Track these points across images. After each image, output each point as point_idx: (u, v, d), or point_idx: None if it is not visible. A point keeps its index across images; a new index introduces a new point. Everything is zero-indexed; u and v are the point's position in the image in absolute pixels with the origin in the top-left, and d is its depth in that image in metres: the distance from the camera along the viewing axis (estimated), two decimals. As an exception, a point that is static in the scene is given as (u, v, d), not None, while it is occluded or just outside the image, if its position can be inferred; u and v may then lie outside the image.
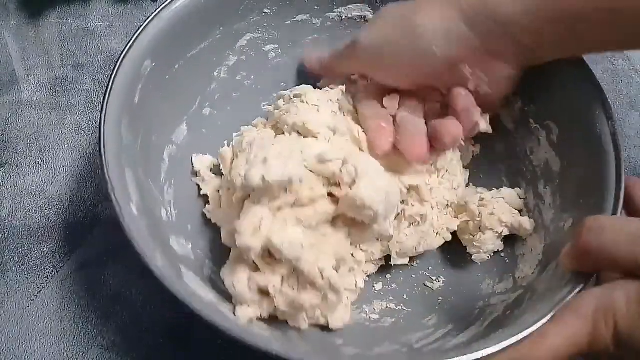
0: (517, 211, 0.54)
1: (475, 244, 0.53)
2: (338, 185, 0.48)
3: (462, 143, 0.52)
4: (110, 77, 0.47)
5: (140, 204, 0.46)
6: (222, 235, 0.49)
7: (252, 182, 0.45)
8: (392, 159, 0.51)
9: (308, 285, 0.48)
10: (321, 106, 0.53)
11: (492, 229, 0.52)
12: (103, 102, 0.46)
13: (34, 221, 0.59)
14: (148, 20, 0.49)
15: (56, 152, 0.62)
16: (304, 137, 0.51)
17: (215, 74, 0.57)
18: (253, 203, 0.48)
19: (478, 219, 0.53)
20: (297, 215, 0.47)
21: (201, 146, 0.57)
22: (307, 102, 0.53)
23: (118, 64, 0.47)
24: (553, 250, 0.49)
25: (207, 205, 0.55)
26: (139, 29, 0.49)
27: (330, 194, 0.49)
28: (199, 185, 0.56)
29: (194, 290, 0.45)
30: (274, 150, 0.47)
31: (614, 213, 0.44)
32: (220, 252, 0.48)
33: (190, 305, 0.40)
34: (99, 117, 0.46)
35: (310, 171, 0.48)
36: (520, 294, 0.48)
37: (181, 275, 0.46)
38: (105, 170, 0.44)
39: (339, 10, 0.57)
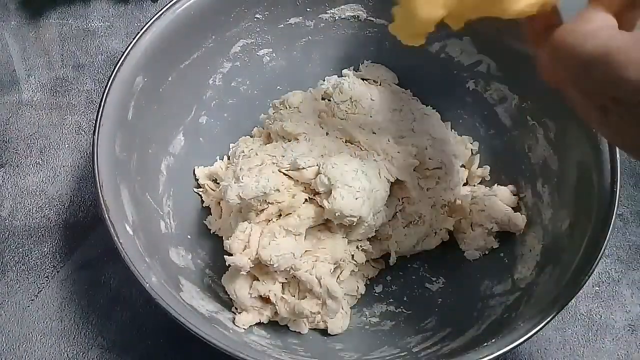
0: (510, 208, 0.54)
1: (466, 240, 0.54)
2: (318, 192, 0.48)
3: None
4: (101, 98, 0.47)
5: (136, 221, 0.46)
6: (224, 244, 0.49)
7: (230, 201, 0.48)
8: (377, 148, 0.52)
9: (307, 293, 0.49)
10: (303, 108, 0.53)
11: (482, 225, 0.53)
12: (95, 123, 0.46)
13: (34, 221, 0.59)
14: (137, 37, 0.49)
15: (56, 152, 0.62)
16: (288, 140, 0.52)
17: (210, 82, 0.57)
18: (242, 219, 0.49)
19: (469, 216, 0.54)
20: (285, 226, 0.48)
21: (199, 155, 0.57)
22: (289, 106, 0.54)
23: (109, 83, 0.48)
24: (551, 252, 0.49)
25: (208, 217, 0.56)
26: (128, 46, 0.49)
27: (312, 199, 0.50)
28: (201, 197, 0.57)
29: (192, 304, 0.46)
30: (251, 163, 0.49)
31: (609, 214, 0.44)
32: (221, 260, 0.49)
33: (186, 325, 0.41)
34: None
35: (290, 177, 0.49)
36: (518, 296, 0.48)
37: (180, 288, 0.47)
38: (100, 192, 0.44)
39: (332, 11, 0.56)
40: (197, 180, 0.57)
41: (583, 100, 0.35)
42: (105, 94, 0.47)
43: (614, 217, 0.44)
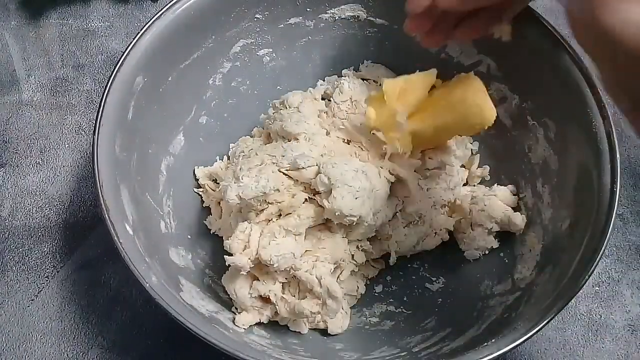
0: (509, 208, 0.54)
1: (465, 240, 0.54)
2: (318, 192, 0.48)
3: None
4: (101, 98, 0.47)
5: (136, 221, 0.47)
6: (224, 244, 0.49)
7: (230, 201, 0.48)
8: (378, 147, 0.52)
9: (307, 293, 0.49)
10: (303, 108, 0.53)
11: (482, 225, 0.53)
12: (95, 123, 0.47)
13: (34, 221, 0.59)
14: (137, 37, 0.49)
15: (56, 152, 0.62)
16: (288, 140, 0.52)
17: (210, 82, 0.57)
18: (242, 219, 0.49)
19: (469, 216, 0.54)
20: (285, 226, 0.48)
21: (199, 155, 0.57)
22: (289, 106, 0.54)
23: (109, 83, 0.48)
24: (551, 252, 0.49)
25: (208, 217, 0.56)
26: (128, 46, 0.49)
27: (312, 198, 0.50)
28: (201, 197, 0.57)
29: (192, 304, 0.46)
30: (251, 163, 0.49)
31: (609, 214, 0.44)
32: (221, 260, 0.49)
33: (186, 325, 0.41)
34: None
35: (290, 177, 0.49)
36: (518, 296, 0.48)
37: (180, 288, 0.47)
38: (100, 192, 0.44)
39: (331, 11, 0.57)
40: (197, 180, 0.57)
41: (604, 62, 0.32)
42: (105, 94, 0.47)
43: (613, 217, 0.44)
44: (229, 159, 0.58)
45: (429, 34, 0.47)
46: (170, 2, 0.50)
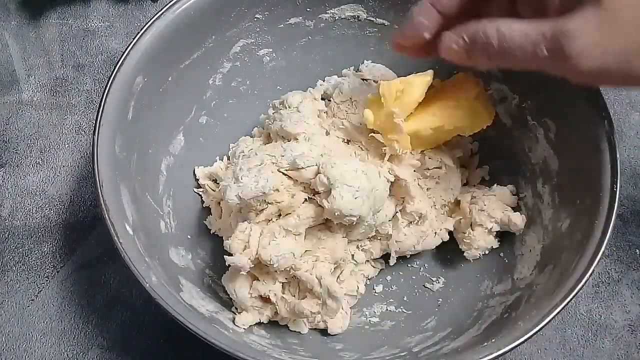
0: (509, 208, 0.54)
1: (465, 240, 0.54)
2: (318, 192, 0.49)
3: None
4: (101, 98, 0.47)
5: (136, 221, 0.47)
6: (224, 244, 0.49)
7: (230, 201, 0.48)
8: (377, 147, 0.52)
9: (307, 293, 0.49)
10: (303, 108, 0.53)
11: (482, 225, 0.53)
12: (95, 123, 0.47)
13: (34, 221, 0.59)
14: (137, 37, 0.49)
15: (56, 152, 0.62)
16: (287, 140, 0.52)
17: (210, 82, 0.57)
18: (242, 219, 0.49)
19: (469, 216, 0.54)
20: (285, 226, 0.48)
21: (199, 155, 0.57)
22: (288, 106, 0.54)
23: (109, 83, 0.48)
24: (551, 252, 0.49)
25: (208, 217, 0.56)
26: (128, 46, 0.49)
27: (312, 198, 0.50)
28: (201, 197, 0.57)
29: (192, 304, 0.46)
30: (251, 163, 0.49)
31: (609, 214, 0.44)
32: (221, 260, 0.49)
33: (186, 325, 0.41)
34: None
35: (289, 177, 0.49)
36: (518, 296, 0.48)
37: (180, 288, 0.47)
38: (100, 192, 0.45)
39: (332, 11, 0.57)
40: (197, 180, 0.57)
41: None
42: (105, 94, 0.47)
43: (614, 217, 0.44)
44: (229, 159, 0.58)
45: (413, 50, 0.47)
46: (170, 2, 0.51)
